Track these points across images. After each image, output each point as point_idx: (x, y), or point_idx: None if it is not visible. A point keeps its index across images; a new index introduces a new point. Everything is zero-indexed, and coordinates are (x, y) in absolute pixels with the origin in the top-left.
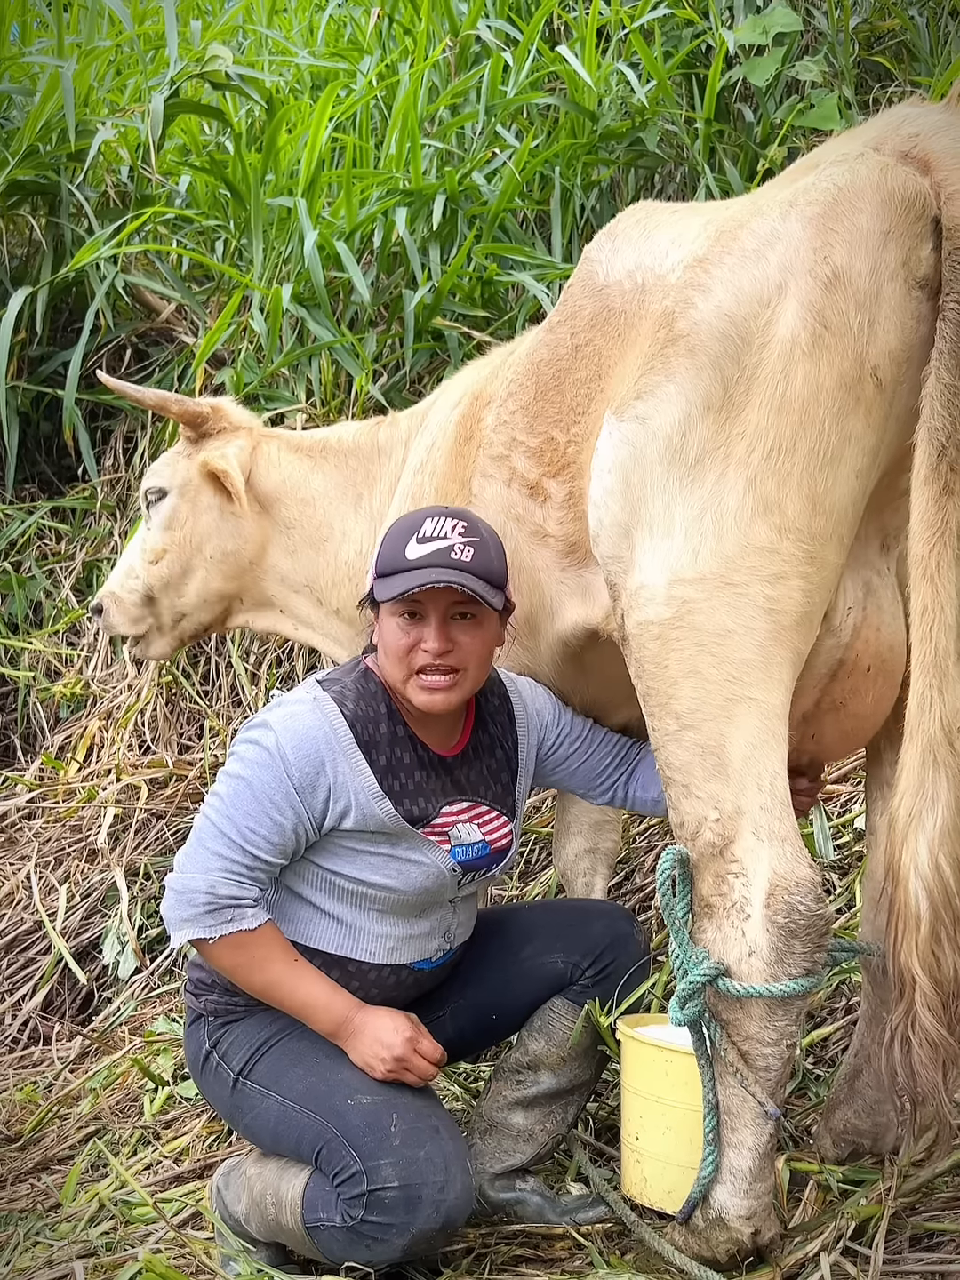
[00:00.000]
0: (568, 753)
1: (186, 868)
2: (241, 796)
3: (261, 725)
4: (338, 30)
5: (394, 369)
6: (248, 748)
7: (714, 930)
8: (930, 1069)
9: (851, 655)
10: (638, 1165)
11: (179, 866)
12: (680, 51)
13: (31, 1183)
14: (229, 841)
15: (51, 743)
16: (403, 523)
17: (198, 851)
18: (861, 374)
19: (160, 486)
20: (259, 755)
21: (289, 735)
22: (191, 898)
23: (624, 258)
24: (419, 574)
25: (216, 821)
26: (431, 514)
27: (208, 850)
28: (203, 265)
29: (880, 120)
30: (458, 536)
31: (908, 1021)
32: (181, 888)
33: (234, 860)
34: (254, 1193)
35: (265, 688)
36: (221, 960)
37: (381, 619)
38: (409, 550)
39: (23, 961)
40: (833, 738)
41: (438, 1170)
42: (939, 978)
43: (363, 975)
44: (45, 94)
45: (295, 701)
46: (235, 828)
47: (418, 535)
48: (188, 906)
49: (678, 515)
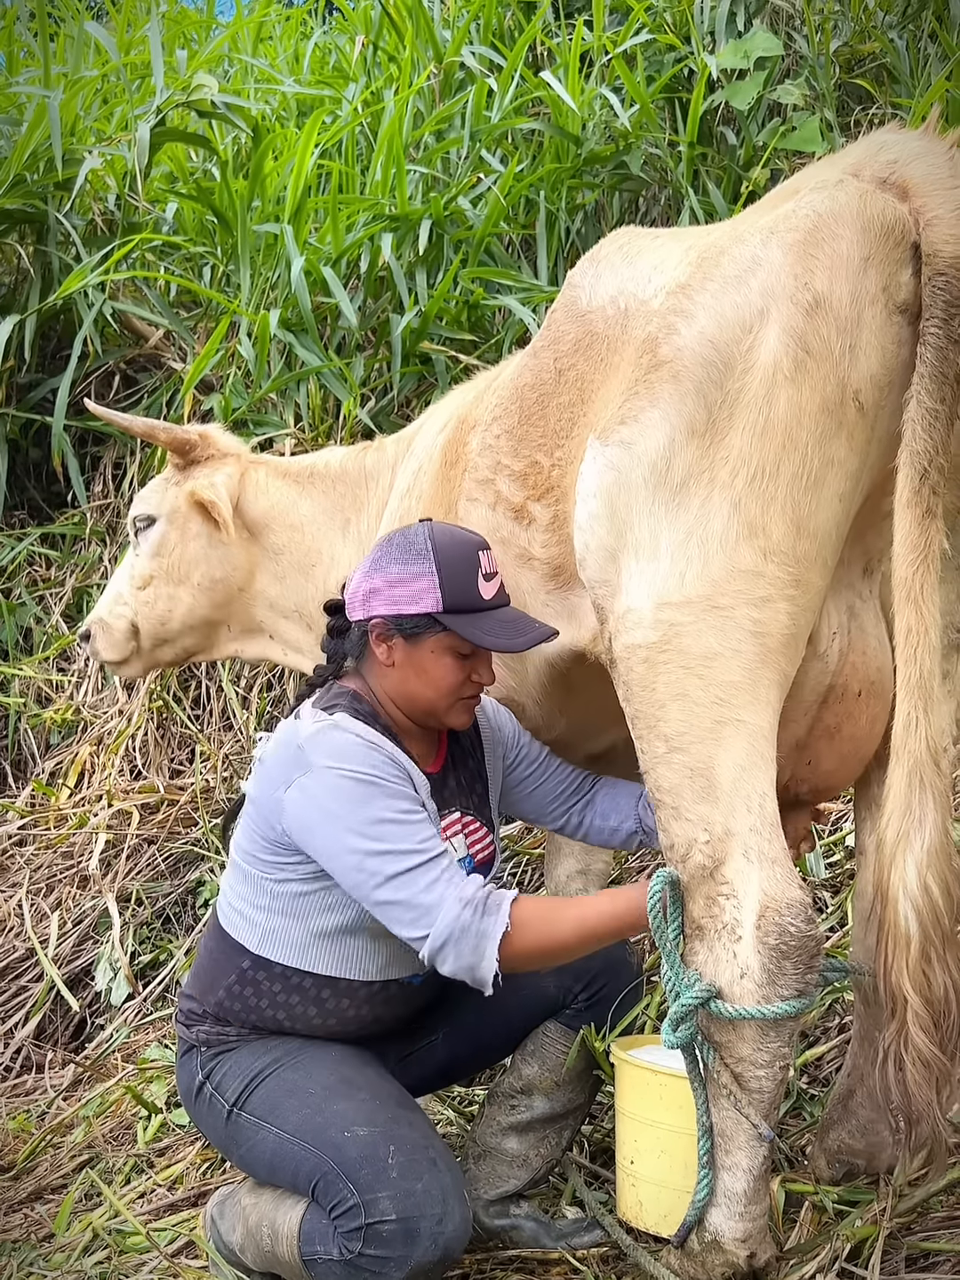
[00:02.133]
0: (524, 774)
1: (433, 921)
2: (388, 831)
3: (326, 769)
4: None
5: (382, 393)
6: (338, 792)
7: (705, 952)
8: (924, 1088)
9: (840, 680)
10: (633, 1189)
11: (423, 927)
12: (663, 76)
13: (25, 1213)
14: (421, 867)
15: (42, 769)
16: (459, 555)
17: (415, 903)
18: (844, 398)
19: (148, 513)
20: (356, 789)
21: (357, 755)
22: (462, 931)
23: (607, 283)
24: (503, 618)
25: (401, 868)
26: (479, 546)
27: (423, 894)
28: (190, 292)
29: (859, 147)
30: (498, 568)
31: (900, 1041)
32: (446, 935)
33: (444, 869)
34: (249, 1223)
35: (256, 712)
36: (527, 940)
37: (424, 651)
38: (482, 589)
39: (15, 989)
40: (831, 763)
41: (435, 1203)
42: (930, 997)
43: (354, 993)
44: (32, 123)
45: (323, 732)
46: (414, 850)
47: (483, 572)
48: (466, 937)
49: (663, 539)
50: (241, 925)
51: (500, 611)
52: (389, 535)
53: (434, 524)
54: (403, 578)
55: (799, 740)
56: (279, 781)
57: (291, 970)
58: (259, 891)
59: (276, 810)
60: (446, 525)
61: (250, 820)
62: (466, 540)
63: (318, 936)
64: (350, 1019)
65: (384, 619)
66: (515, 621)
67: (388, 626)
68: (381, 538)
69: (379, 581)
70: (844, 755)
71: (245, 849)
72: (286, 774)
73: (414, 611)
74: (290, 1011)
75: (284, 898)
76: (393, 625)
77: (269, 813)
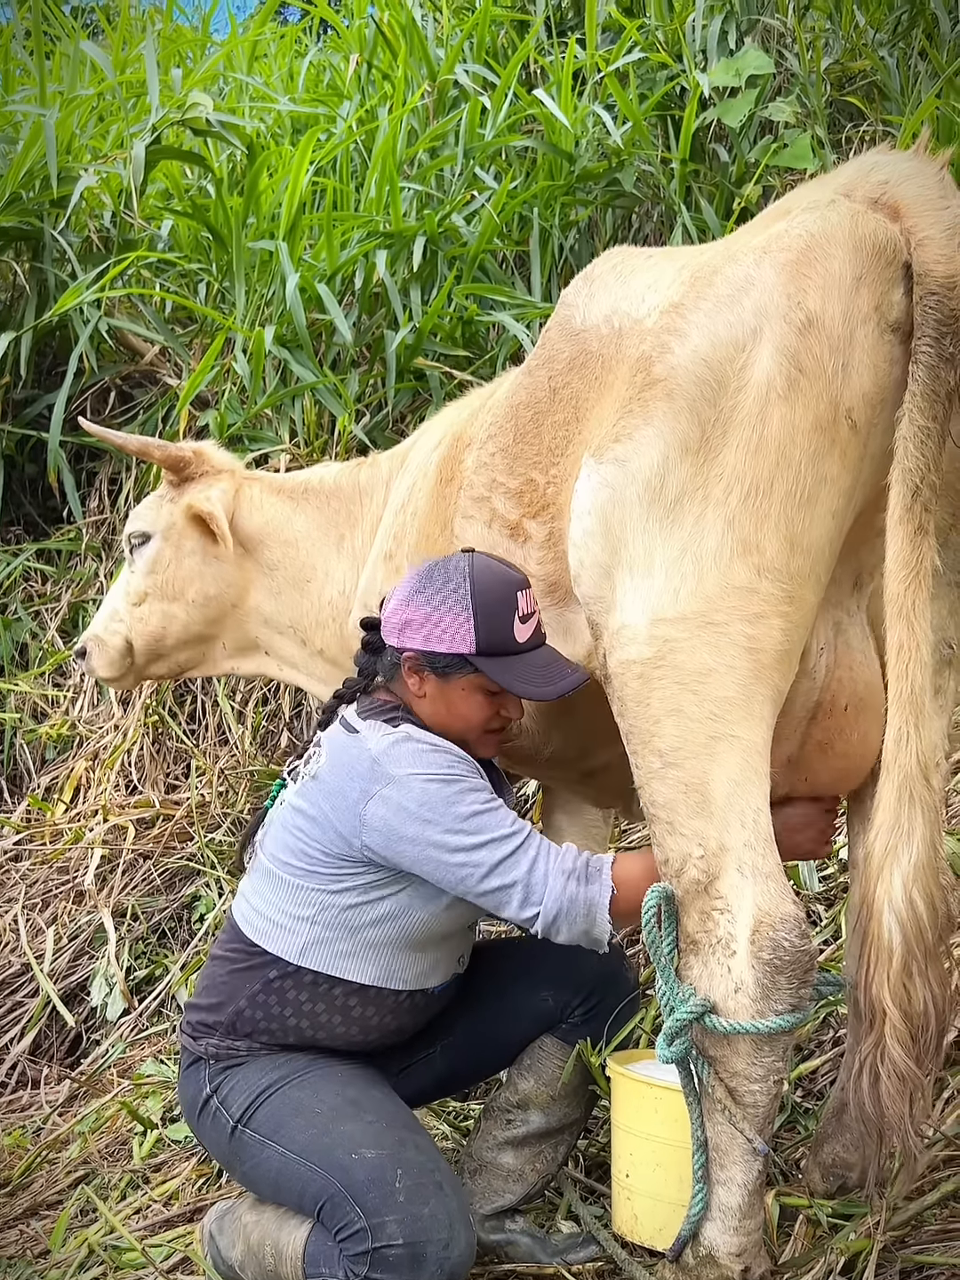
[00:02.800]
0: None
1: (541, 898)
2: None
3: (409, 778)
4: (317, 76)
5: (376, 409)
6: (425, 795)
7: (700, 967)
8: (897, 1100)
9: (828, 696)
10: (628, 1203)
11: (533, 906)
12: (655, 94)
13: (20, 1229)
14: (520, 849)
15: (38, 784)
16: (496, 596)
17: (523, 884)
18: (836, 416)
19: (143, 530)
20: (444, 790)
21: (434, 759)
22: (571, 901)
23: (600, 302)
24: (537, 662)
25: (503, 854)
26: (518, 586)
27: (528, 874)
28: (186, 308)
29: (850, 167)
30: (537, 607)
31: (877, 1053)
32: (557, 909)
33: (538, 845)
34: (251, 1241)
35: (252, 727)
36: (633, 898)
37: (454, 688)
38: (517, 632)
39: (10, 1004)
40: (826, 779)
41: (442, 1227)
42: (909, 1011)
43: (382, 1001)
44: (28, 142)
45: (397, 744)
46: (510, 834)
47: (519, 613)
48: (575, 907)
49: (658, 556)
50: (277, 935)
51: (534, 654)
52: (431, 563)
53: (476, 558)
54: (438, 615)
55: (792, 757)
56: (354, 797)
57: (324, 979)
58: (302, 903)
59: (354, 826)
60: (488, 561)
61: (302, 833)
62: (506, 580)
63: (367, 946)
64: (373, 1027)
65: (417, 653)
66: (548, 666)
67: (419, 661)
68: (422, 564)
69: (415, 614)
70: (838, 771)
71: (285, 860)
72: (364, 788)
73: (446, 650)
74: (315, 1020)
75: (333, 909)
76: (424, 661)
77: (344, 829)
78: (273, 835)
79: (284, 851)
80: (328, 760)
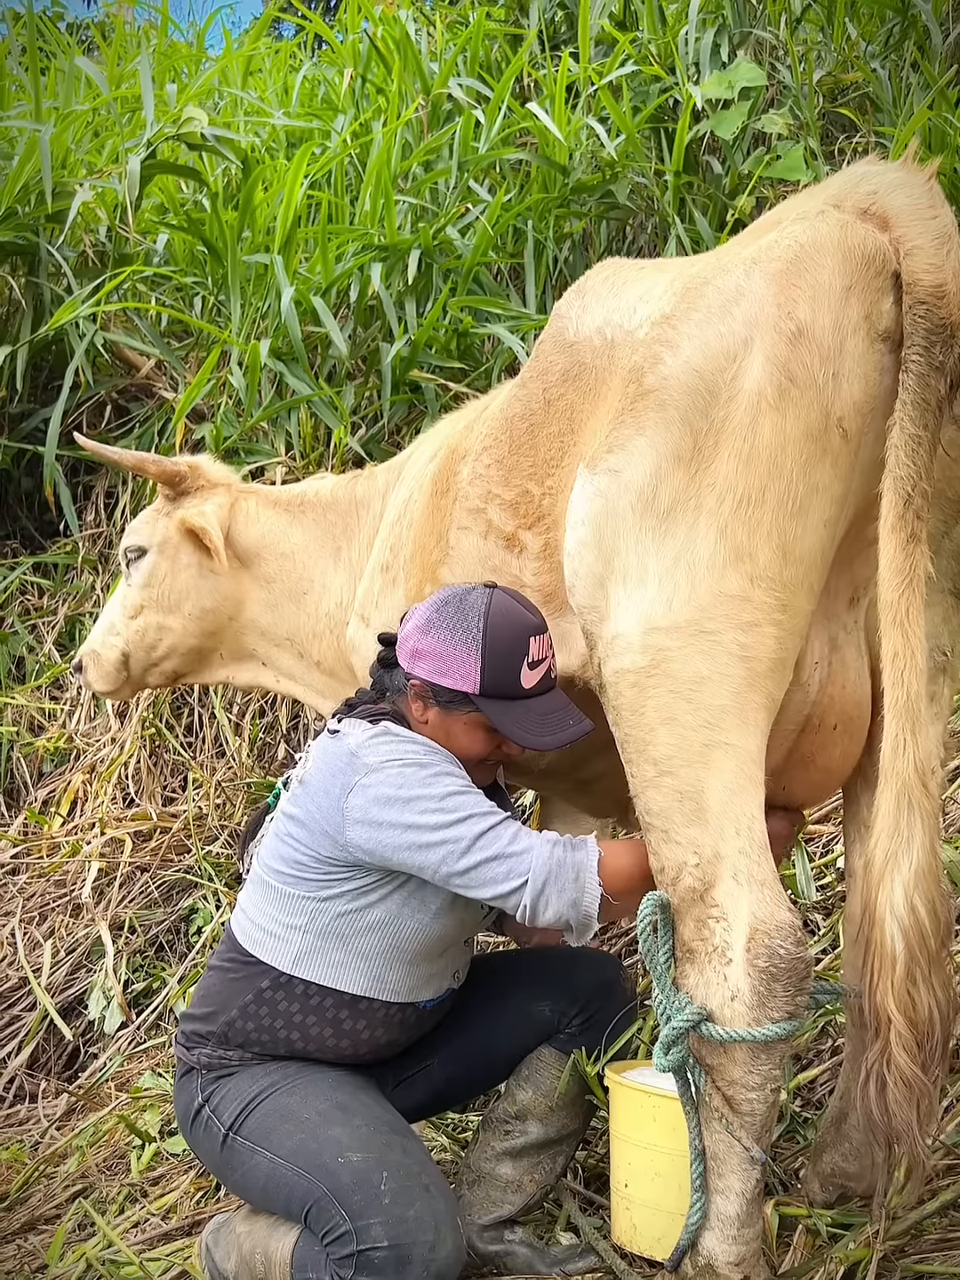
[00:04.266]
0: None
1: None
2: (460, 801)
3: (383, 765)
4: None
5: (372, 421)
6: (401, 779)
7: (696, 975)
8: (904, 1108)
9: (819, 711)
10: (627, 1212)
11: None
12: (648, 106)
13: (18, 1244)
14: (501, 824)
15: (35, 798)
16: (508, 639)
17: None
18: (827, 425)
19: (139, 544)
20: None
21: (409, 747)
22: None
23: (593, 314)
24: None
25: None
26: (534, 631)
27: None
28: (181, 322)
29: (840, 178)
30: (550, 654)
31: (883, 1061)
32: (545, 873)
33: (519, 825)
34: (243, 1251)
35: (249, 738)
36: (622, 864)
37: (455, 720)
38: (524, 678)
39: (8, 1018)
40: (802, 791)
41: (428, 1229)
42: (914, 1017)
43: (373, 1014)
44: (23, 157)
45: (375, 736)
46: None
47: (529, 660)
48: (564, 870)
49: (651, 565)
50: (270, 945)
51: (538, 700)
52: (451, 592)
53: (496, 596)
54: (448, 651)
55: (775, 768)
56: (336, 792)
57: (316, 990)
58: (294, 911)
59: (338, 821)
60: (507, 602)
61: (293, 839)
62: (520, 624)
63: (359, 956)
64: (364, 1040)
65: (423, 683)
66: (550, 715)
67: (425, 690)
68: (446, 590)
69: (426, 645)
70: (815, 785)
71: (277, 868)
72: (345, 781)
73: (451, 686)
74: (305, 1033)
75: (324, 916)
76: (429, 691)
77: (329, 826)
78: (267, 845)
79: (276, 860)
80: (314, 764)
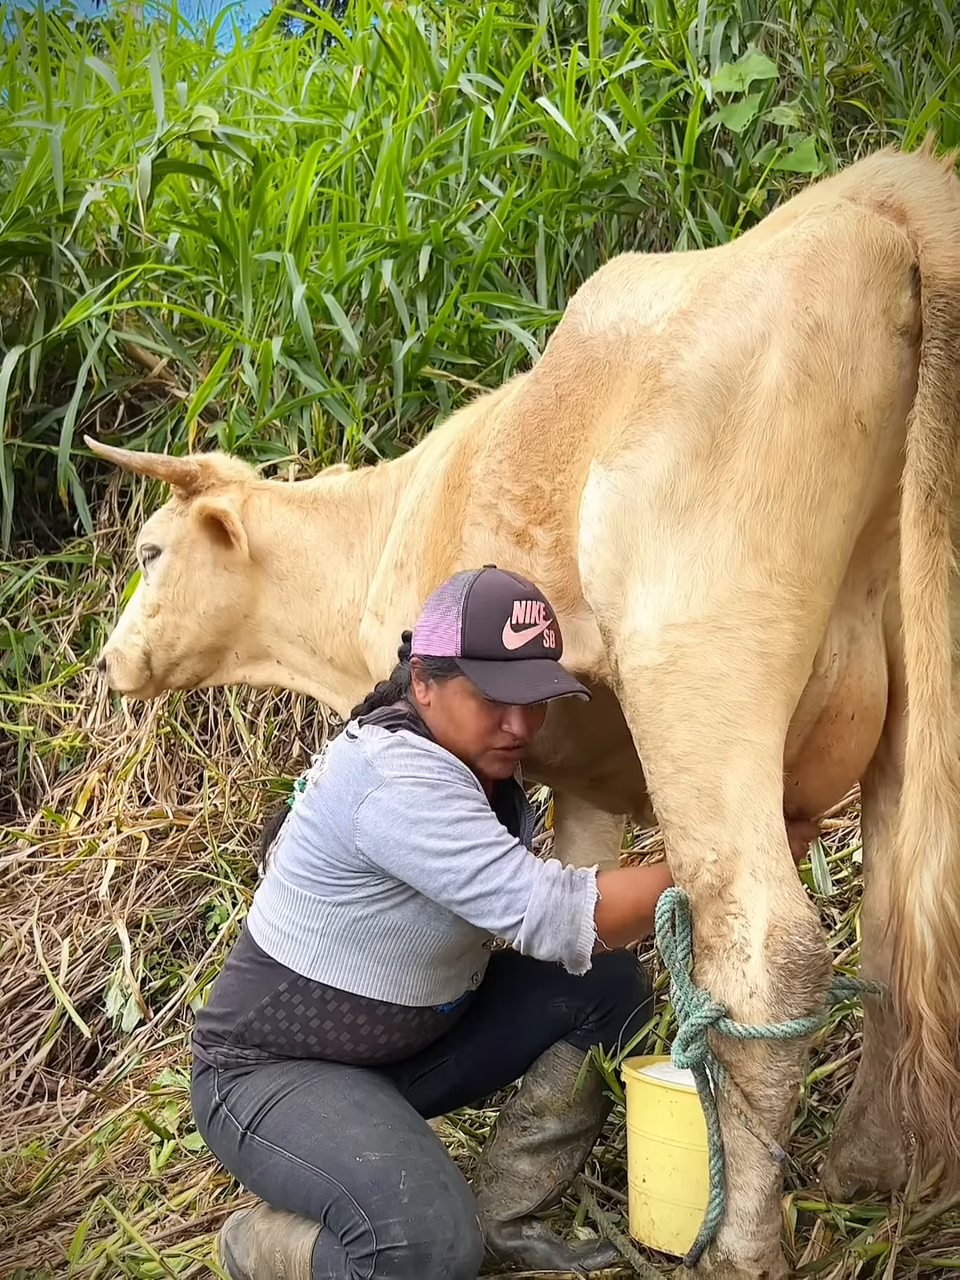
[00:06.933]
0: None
1: (524, 904)
2: (467, 829)
3: (397, 780)
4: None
5: (384, 418)
6: (413, 798)
7: (714, 971)
8: (938, 1105)
9: (836, 702)
10: (645, 1207)
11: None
12: (659, 100)
13: (39, 1240)
14: (504, 857)
15: (51, 796)
16: (489, 601)
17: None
18: (846, 420)
19: (154, 544)
20: (430, 794)
21: (425, 763)
22: (555, 907)
23: (608, 310)
24: (525, 670)
25: (486, 860)
26: (518, 596)
27: (510, 881)
28: (193, 320)
29: (855, 170)
30: (543, 621)
31: (915, 1058)
32: (541, 915)
33: (524, 856)
34: (262, 1249)
35: (263, 736)
36: (618, 908)
37: (449, 693)
38: (506, 639)
39: (26, 1016)
40: (817, 785)
41: (447, 1228)
42: (945, 1014)
43: (390, 1018)
44: (35, 157)
45: (391, 747)
46: (495, 842)
47: (511, 621)
48: (560, 913)
49: (669, 561)
50: (288, 947)
51: (524, 664)
52: (453, 576)
53: (487, 571)
54: (435, 620)
55: (790, 760)
56: (349, 800)
57: (333, 994)
58: (310, 914)
59: (349, 829)
60: (499, 573)
61: (307, 843)
62: (504, 587)
63: (376, 961)
64: (381, 1045)
65: (419, 658)
66: (535, 674)
67: (421, 667)
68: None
69: (420, 622)
70: (831, 778)
71: (293, 871)
72: (357, 790)
73: (438, 654)
74: (321, 1037)
75: (340, 920)
76: (424, 665)
77: (340, 833)
78: (284, 847)
79: (291, 862)
80: (330, 767)
